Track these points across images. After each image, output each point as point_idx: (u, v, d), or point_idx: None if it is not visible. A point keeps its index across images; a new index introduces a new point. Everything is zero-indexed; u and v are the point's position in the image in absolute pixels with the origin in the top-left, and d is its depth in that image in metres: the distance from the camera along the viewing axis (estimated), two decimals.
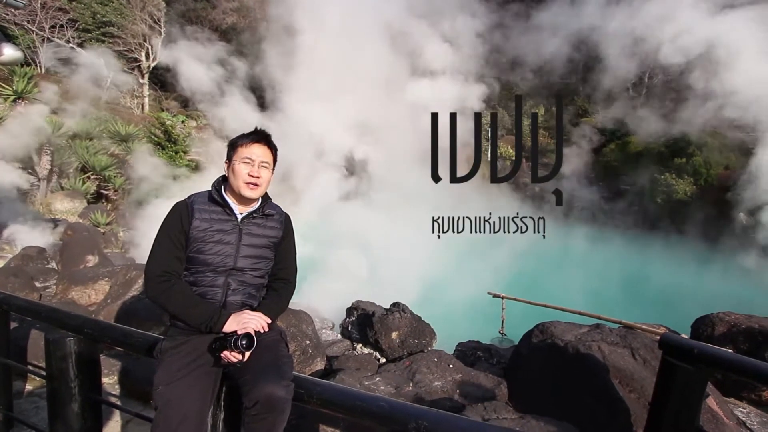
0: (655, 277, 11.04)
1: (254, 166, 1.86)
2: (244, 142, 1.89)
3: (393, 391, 3.51)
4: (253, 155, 1.87)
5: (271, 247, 1.93)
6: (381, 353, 5.07)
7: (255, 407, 1.59)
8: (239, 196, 1.87)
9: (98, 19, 20.57)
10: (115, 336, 2.27)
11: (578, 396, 3.06)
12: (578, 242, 13.78)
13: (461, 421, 1.47)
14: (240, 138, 1.91)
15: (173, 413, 1.62)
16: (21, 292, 5.09)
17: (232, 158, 1.89)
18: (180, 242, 1.81)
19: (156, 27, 21.09)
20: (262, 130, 1.95)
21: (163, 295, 1.75)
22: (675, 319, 5.84)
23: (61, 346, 2.20)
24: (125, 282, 5.16)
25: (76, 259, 6.26)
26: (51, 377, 2.25)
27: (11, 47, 3.58)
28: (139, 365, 3.60)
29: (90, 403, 2.26)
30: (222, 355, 1.66)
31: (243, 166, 1.85)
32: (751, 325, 4.07)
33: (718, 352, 2.01)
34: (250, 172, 1.85)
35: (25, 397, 3.45)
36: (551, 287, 9.57)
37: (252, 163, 1.86)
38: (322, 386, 1.73)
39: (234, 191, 1.88)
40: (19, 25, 17.74)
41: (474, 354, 5.05)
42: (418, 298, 7.75)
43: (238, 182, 1.85)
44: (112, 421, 3.07)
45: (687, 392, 1.97)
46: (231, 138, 1.98)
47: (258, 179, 1.86)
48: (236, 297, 1.84)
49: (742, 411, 3.53)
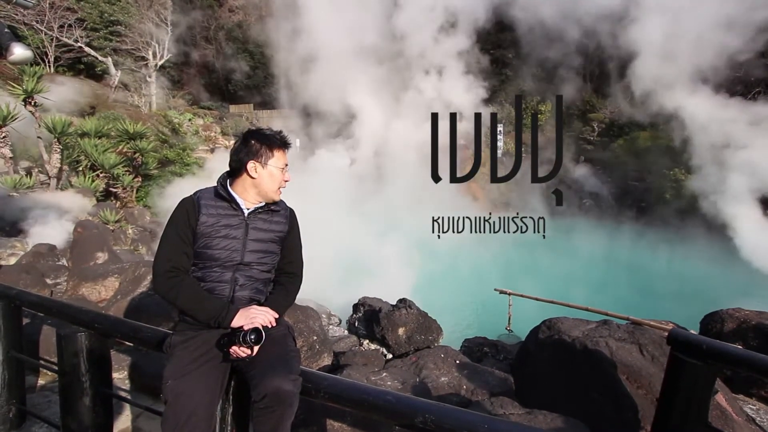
0: (663, 274, 10.95)
1: (287, 172, 1.94)
2: (281, 148, 1.92)
3: (400, 387, 3.52)
4: (287, 161, 1.95)
5: (277, 241, 1.94)
6: (388, 349, 5.08)
7: (263, 401, 1.60)
8: (265, 196, 1.91)
9: (106, 18, 20.71)
10: (125, 331, 2.29)
11: (585, 392, 3.05)
12: (585, 238, 13.70)
13: (468, 415, 1.47)
14: (274, 141, 1.91)
15: (183, 407, 1.64)
16: (32, 288, 5.16)
17: (266, 161, 1.88)
18: (187, 238, 1.82)
19: (163, 25, 21.19)
20: (285, 134, 1.99)
21: (171, 291, 1.77)
22: (684, 315, 5.80)
23: (73, 341, 2.23)
24: (134, 278, 5.21)
25: (86, 256, 6.32)
26: (63, 372, 2.28)
27: (21, 47, 3.61)
28: (148, 360, 3.64)
29: (101, 397, 2.30)
30: (230, 350, 1.68)
31: (280, 172, 1.90)
32: (761, 321, 4.02)
33: (727, 347, 1.99)
34: (286, 179, 1.94)
35: (38, 391, 3.51)
36: (558, 284, 9.53)
37: (286, 169, 1.93)
38: (329, 380, 1.74)
39: (258, 191, 1.89)
40: (29, 24, 17.90)
41: (481, 350, 5.06)
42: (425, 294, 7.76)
43: (274, 186, 1.90)
44: (123, 415, 3.11)
45: (695, 388, 1.96)
46: (253, 134, 1.91)
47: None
48: (244, 292, 1.85)
49: (751, 408, 3.50)
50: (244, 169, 1.87)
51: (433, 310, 5.57)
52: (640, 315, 5.36)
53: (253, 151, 1.87)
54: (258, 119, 22.82)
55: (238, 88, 25.50)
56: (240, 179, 1.89)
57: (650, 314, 5.61)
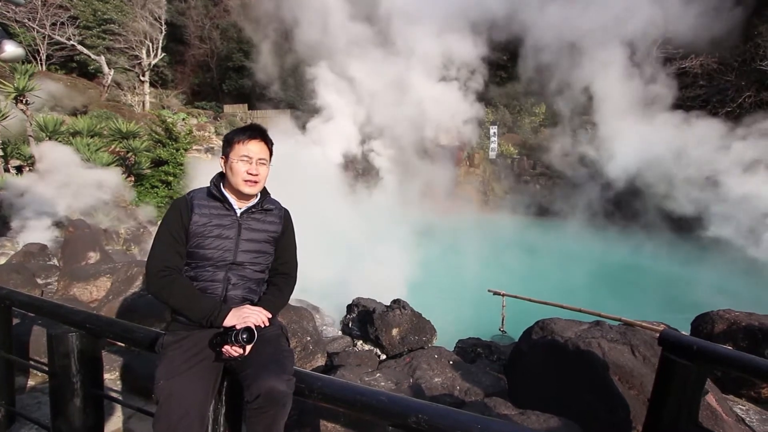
0: (655, 275, 11.04)
1: (252, 164, 1.86)
2: (240, 139, 1.87)
3: (393, 387, 3.52)
4: (250, 152, 1.86)
5: (270, 241, 1.94)
6: (381, 350, 5.08)
7: (256, 401, 1.60)
8: (238, 192, 1.88)
9: (99, 16, 20.58)
10: (116, 331, 2.28)
11: (578, 392, 3.06)
12: (578, 240, 13.79)
13: (461, 415, 1.48)
14: (236, 134, 1.89)
15: (174, 407, 1.63)
16: (23, 288, 5.10)
17: (228, 155, 1.87)
18: (180, 237, 1.82)
19: (157, 24, 21.07)
20: (258, 126, 1.95)
21: (164, 290, 1.76)
22: (675, 317, 5.84)
23: (64, 342, 2.21)
24: (127, 279, 5.17)
25: (78, 255, 6.26)
26: (53, 372, 2.26)
27: (12, 44, 3.58)
28: (140, 361, 3.62)
29: (92, 398, 2.28)
30: (223, 350, 1.68)
31: (241, 164, 1.85)
32: (751, 322, 4.06)
33: (718, 348, 2.01)
34: (249, 170, 1.85)
35: (28, 392, 3.47)
36: (551, 285, 9.57)
37: (250, 160, 1.85)
38: (323, 381, 1.74)
39: (232, 187, 1.89)
40: (20, 22, 17.74)
41: (474, 351, 5.06)
42: (419, 295, 7.77)
43: (237, 180, 1.85)
44: (114, 416, 3.08)
45: (686, 388, 1.98)
46: (227, 133, 1.96)
47: (257, 176, 1.87)
48: (237, 291, 1.85)
49: (741, 408, 3.54)
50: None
51: (427, 310, 5.58)
52: (631, 316, 5.40)
53: (223, 149, 1.91)
54: (252, 119, 22.77)
55: (232, 87, 25.41)
56: (226, 179, 1.91)
57: (642, 316, 5.64)
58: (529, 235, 14.06)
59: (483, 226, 14.35)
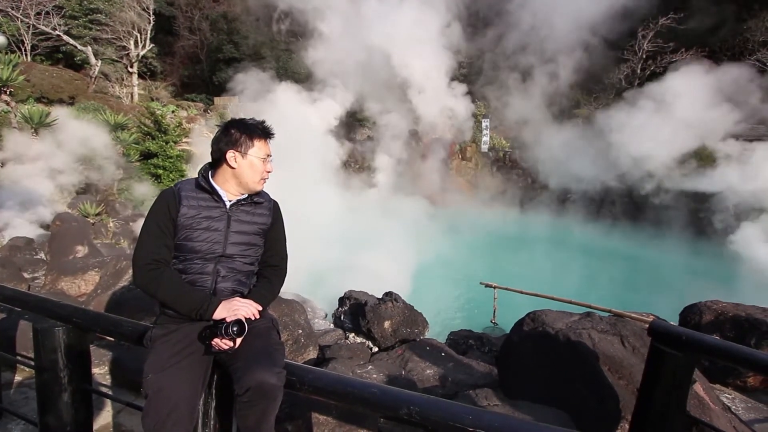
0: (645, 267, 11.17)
1: (269, 163, 1.89)
2: (262, 137, 1.87)
3: (385, 379, 3.53)
4: (269, 151, 1.89)
5: (260, 234, 1.92)
6: (373, 342, 5.09)
7: (246, 394, 1.58)
8: (246, 188, 1.87)
9: (85, 5, 20.15)
10: (104, 325, 2.24)
11: (568, 383, 3.09)
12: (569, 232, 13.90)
13: (452, 406, 1.48)
14: (254, 131, 1.86)
15: (164, 401, 1.61)
16: (9, 283, 5.03)
17: (246, 150, 1.83)
18: (168, 230, 1.78)
19: (145, 14, 20.68)
20: (268, 125, 1.93)
21: (152, 283, 1.73)
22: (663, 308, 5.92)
23: (51, 336, 2.17)
24: (115, 272, 5.12)
25: (65, 249, 6.18)
26: (40, 367, 2.22)
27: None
28: (129, 355, 3.59)
29: (80, 393, 2.25)
30: (213, 343, 1.65)
31: (261, 162, 1.85)
32: (737, 313, 4.13)
33: (706, 338, 2.03)
34: (268, 170, 1.88)
35: (15, 388, 3.42)
36: (542, 277, 9.65)
37: (269, 159, 1.88)
38: (314, 373, 1.73)
39: (238, 182, 1.85)
40: (3, 11, 17.33)
41: (466, 342, 5.09)
42: (411, 287, 7.79)
43: (255, 177, 1.85)
44: (104, 411, 3.05)
45: (675, 378, 2.00)
46: (234, 123, 1.87)
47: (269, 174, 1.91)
48: (226, 284, 1.82)
49: (727, 397, 3.60)
50: (223, 159, 1.83)
51: (419, 303, 5.59)
52: (621, 307, 5.46)
53: (233, 141, 1.83)
54: (243, 111, 22.51)
55: (222, 79, 25.09)
56: (221, 170, 1.86)
57: (631, 307, 5.71)
58: (520, 228, 14.18)
59: (475, 218, 14.44)
